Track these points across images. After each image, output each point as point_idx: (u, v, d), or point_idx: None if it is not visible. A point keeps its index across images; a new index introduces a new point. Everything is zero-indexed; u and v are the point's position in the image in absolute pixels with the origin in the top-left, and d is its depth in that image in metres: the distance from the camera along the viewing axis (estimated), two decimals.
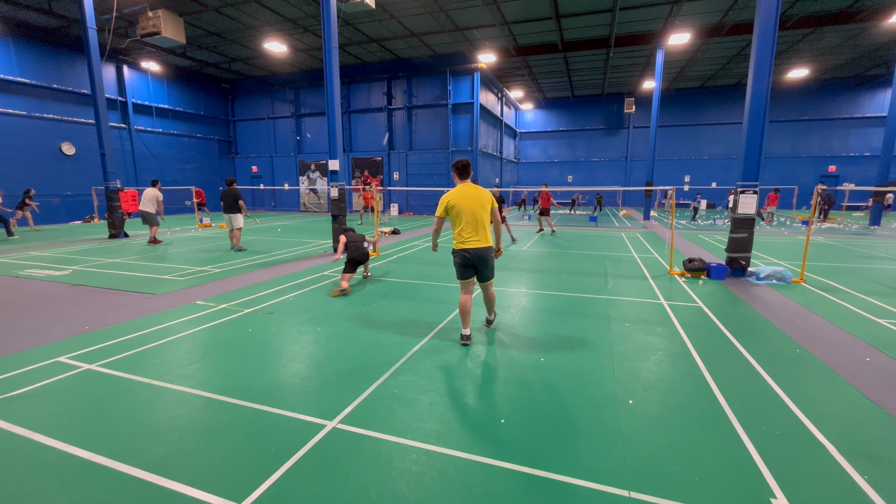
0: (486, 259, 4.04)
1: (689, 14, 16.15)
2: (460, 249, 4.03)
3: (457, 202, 3.99)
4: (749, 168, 7.23)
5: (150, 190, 11.20)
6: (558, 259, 9.15)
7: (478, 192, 4.05)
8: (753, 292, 6.34)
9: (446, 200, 4.02)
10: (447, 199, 4.02)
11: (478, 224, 3.99)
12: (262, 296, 6.07)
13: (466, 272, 4.11)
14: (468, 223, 3.98)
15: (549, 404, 3.10)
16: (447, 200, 4.02)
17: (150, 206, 11.09)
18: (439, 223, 4.13)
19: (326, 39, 9.48)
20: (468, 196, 4.00)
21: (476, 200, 3.99)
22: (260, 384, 3.41)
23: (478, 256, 4.01)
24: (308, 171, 25.43)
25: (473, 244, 3.99)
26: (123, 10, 14.97)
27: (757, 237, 11.37)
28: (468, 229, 3.99)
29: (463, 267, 4.08)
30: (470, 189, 4.04)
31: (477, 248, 3.99)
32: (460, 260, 4.06)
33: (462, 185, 4.09)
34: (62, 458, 2.51)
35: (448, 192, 4.07)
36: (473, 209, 3.98)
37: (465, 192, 4.02)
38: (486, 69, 22.34)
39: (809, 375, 3.57)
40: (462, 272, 4.12)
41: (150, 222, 11.21)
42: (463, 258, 4.04)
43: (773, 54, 6.91)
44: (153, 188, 11.32)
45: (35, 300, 5.87)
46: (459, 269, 4.12)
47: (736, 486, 2.25)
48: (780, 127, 27.06)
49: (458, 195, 4.01)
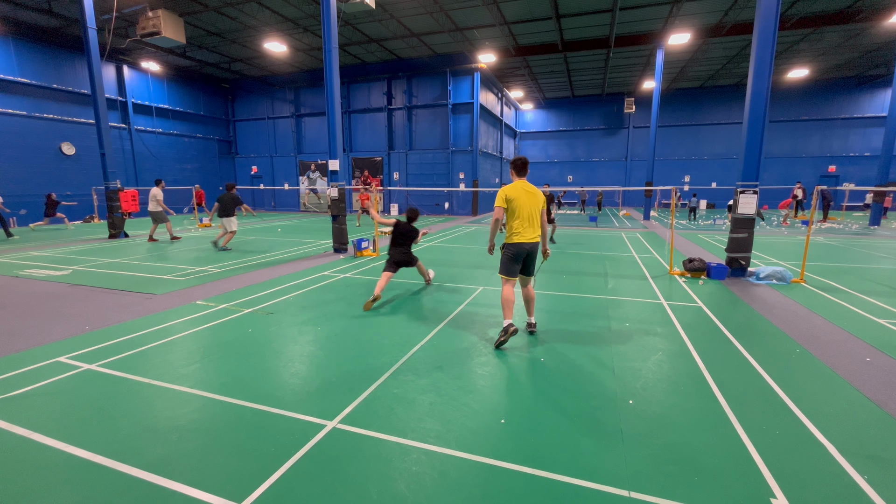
0: (535, 254, 4.21)
1: (689, 14, 16.15)
2: (516, 243, 4.11)
3: (516, 196, 4.08)
4: (749, 168, 7.23)
5: (153, 189, 11.51)
6: (558, 259, 9.15)
7: (535, 190, 4.17)
8: (753, 292, 6.34)
9: (505, 193, 4.09)
10: (506, 192, 4.09)
11: (533, 220, 4.13)
12: (262, 296, 6.07)
13: (514, 267, 4.19)
14: (524, 218, 4.09)
15: (548, 404, 3.10)
16: (506, 193, 4.09)
17: (154, 205, 11.38)
18: (501, 213, 4.13)
19: (326, 39, 9.48)
20: (527, 193, 4.11)
21: (534, 198, 4.12)
22: (260, 384, 3.41)
23: (531, 251, 4.14)
24: (308, 171, 25.43)
25: (529, 238, 4.10)
26: (123, 10, 14.97)
27: (757, 237, 11.37)
28: (524, 223, 4.09)
29: (513, 262, 4.16)
30: (528, 186, 4.14)
31: (532, 241, 4.12)
32: (513, 253, 4.13)
33: (519, 182, 4.16)
34: (62, 458, 2.51)
35: (505, 186, 4.15)
36: (531, 206, 4.10)
37: (524, 188, 4.12)
38: (486, 69, 22.34)
39: (809, 375, 3.57)
40: (510, 268, 4.18)
41: (159, 220, 11.50)
42: (517, 252, 4.13)
43: (773, 54, 6.91)
44: (156, 187, 11.57)
45: (35, 300, 5.88)
46: (509, 263, 4.17)
47: (736, 486, 2.25)
48: (780, 127, 27.05)
49: (516, 190, 4.10)
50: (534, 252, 4.20)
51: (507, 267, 4.18)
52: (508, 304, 4.14)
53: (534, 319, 4.59)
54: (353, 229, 14.74)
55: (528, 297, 4.52)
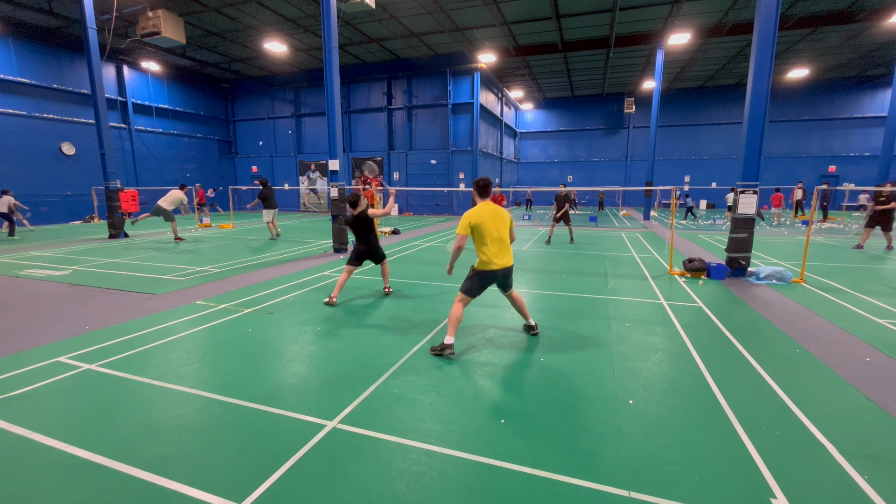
0: (510, 274, 4.14)
1: (689, 14, 16.15)
2: (490, 271, 3.97)
3: (481, 221, 3.93)
4: (749, 168, 7.23)
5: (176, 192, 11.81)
6: (558, 259, 9.15)
7: (500, 212, 4.04)
8: (753, 292, 6.34)
9: (469, 219, 3.95)
10: (470, 218, 3.95)
11: (503, 244, 4.00)
12: (262, 296, 6.07)
13: (479, 291, 4.08)
14: (494, 242, 3.95)
15: (548, 404, 3.10)
16: (470, 219, 3.95)
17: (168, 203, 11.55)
18: (463, 241, 3.99)
19: (326, 39, 9.48)
20: (493, 216, 3.98)
21: (500, 220, 4.00)
22: (260, 384, 3.41)
23: (505, 274, 4.08)
24: (308, 171, 25.42)
25: (502, 264, 4.00)
26: (123, 10, 14.96)
27: (757, 237, 11.37)
28: (494, 248, 3.95)
29: (481, 287, 4.06)
30: (493, 208, 4.02)
31: (506, 267, 4.03)
32: (485, 280, 4.02)
33: (483, 204, 4.03)
34: (62, 458, 2.51)
35: (469, 210, 4.01)
36: (498, 229, 3.97)
37: (490, 210, 3.99)
38: (486, 69, 22.33)
39: (809, 375, 3.57)
40: (474, 290, 4.05)
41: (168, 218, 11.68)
42: (489, 279, 4.02)
43: (773, 54, 6.91)
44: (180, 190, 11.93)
45: (35, 300, 5.87)
46: (475, 287, 4.04)
47: (736, 486, 2.25)
48: (780, 127, 27.04)
49: (481, 214, 3.95)
50: (508, 273, 4.09)
51: (472, 289, 4.03)
52: (455, 322, 3.98)
53: (533, 321, 4.52)
54: None
55: (516, 303, 4.42)
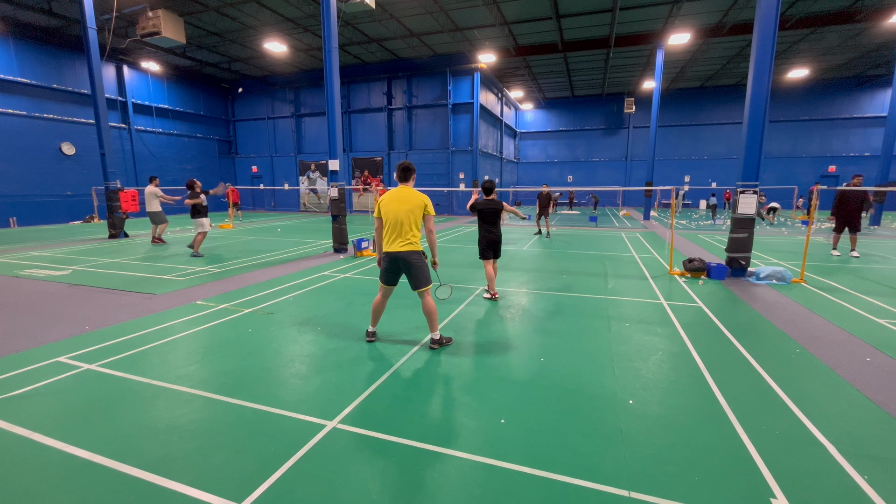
0: (410, 264, 3.90)
1: (689, 14, 16.15)
2: (384, 252, 3.96)
3: (384, 205, 3.93)
4: (749, 168, 7.23)
5: (148, 188, 11.01)
6: (558, 259, 9.15)
7: (408, 197, 3.92)
8: (753, 292, 6.34)
9: (379, 202, 3.97)
10: (380, 200, 3.98)
11: (400, 229, 3.87)
12: (262, 296, 6.07)
13: (389, 276, 4.03)
14: (390, 226, 3.90)
15: (548, 404, 3.10)
16: (379, 201, 3.98)
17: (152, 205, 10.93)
18: (378, 223, 3.98)
19: (326, 39, 9.48)
20: (397, 200, 3.90)
21: (403, 205, 3.89)
22: (260, 384, 3.41)
23: (401, 260, 3.89)
24: (308, 171, 25.43)
25: (394, 248, 3.88)
26: (123, 10, 14.97)
27: (757, 237, 11.37)
28: (390, 232, 3.90)
29: (386, 272, 4.01)
30: (403, 193, 3.93)
31: (397, 251, 3.87)
32: (385, 264, 3.99)
33: (398, 189, 3.98)
34: (62, 458, 2.51)
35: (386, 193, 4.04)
36: (398, 213, 3.87)
37: (398, 195, 3.93)
38: (486, 69, 22.33)
39: (809, 375, 3.57)
40: (384, 276, 4.04)
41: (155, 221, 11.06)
42: (385, 260, 3.98)
43: (773, 54, 6.91)
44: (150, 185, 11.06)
45: (35, 300, 5.87)
46: (383, 273, 4.04)
47: (736, 486, 2.25)
48: (780, 127, 27.05)
49: (389, 198, 3.94)
50: (407, 261, 3.88)
51: (382, 276, 4.03)
52: (374, 313, 4.13)
53: (437, 335, 4.07)
54: (352, 229, 14.73)
55: (425, 312, 4.05)
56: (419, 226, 3.97)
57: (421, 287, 3.97)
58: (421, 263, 3.94)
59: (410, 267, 3.91)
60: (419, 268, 3.93)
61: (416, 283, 3.97)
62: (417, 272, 3.93)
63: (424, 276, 3.95)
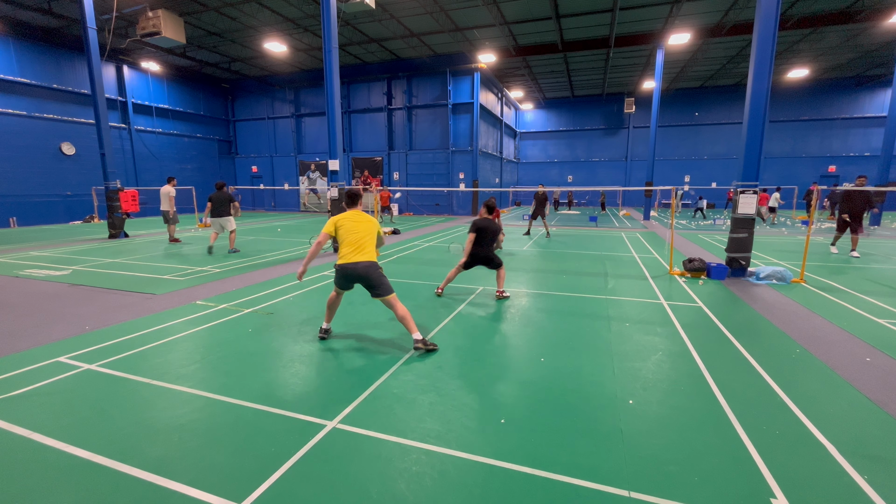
0: (369, 274, 4.10)
1: (689, 14, 16.15)
2: (341, 264, 4.18)
3: (342, 224, 4.23)
4: (749, 168, 7.23)
5: (164, 187, 11.20)
6: (558, 259, 9.15)
7: (364, 219, 4.30)
8: (753, 292, 6.34)
9: (335, 221, 4.25)
10: (336, 220, 4.25)
11: (360, 245, 4.17)
12: (262, 296, 6.07)
13: (345, 283, 4.27)
14: (353, 242, 4.16)
15: (548, 404, 3.10)
16: (336, 221, 4.25)
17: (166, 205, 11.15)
18: (325, 238, 4.21)
19: (326, 39, 9.49)
20: (355, 221, 4.25)
21: (364, 224, 4.26)
22: (260, 384, 3.41)
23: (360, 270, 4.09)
24: (308, 171, 25.43)
25: (354, 259, 4.12)
26: (123, 10, 14.97)
27: (757, 237, 11.38)
28: (349, 248, 4.16)
29: (343, 279, 4.23)
30: (357, 216, 4.31)
31: (356, 262, 4.10)
32: (341, 274, 4.20)
33: (350, 212, 4.33)
34: (62, 458, 2.51)
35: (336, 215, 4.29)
36: (359, 231, 4.20)
37: (352, 216, 4.28)
38: (486, 69, 22.34)
39: (809, 375, 3.57)
40: (341, 283, 4.27)
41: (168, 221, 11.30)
42: (343, 273, 4.18)
43: (773, 54, 6.91)
44: (168, 185, 11.27)
45: (35, 300, 5.87)
46: (338, 279, 4.26)
47: (736, 486, 2.25)
48: (780, 127, 27.05)
49: (347, 218, 4.27)
50: (368, 275, 4.07)
51: (335, 280, 4.30)
52: (328, 309, 4.42)
53: (419, 335, 4.06)
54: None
55: (398, 316, 4.11)
56: (374, 243, 4.31)
57: (385, 294, 4.14)
58: (380, 275, 4.20)
59: (371, 279, 4.12)
60: (378, 278, 4.15)
61: (379, 292, 4.15)
62: (378, 282, 4.14)
63: (385, 285, 4.16)
